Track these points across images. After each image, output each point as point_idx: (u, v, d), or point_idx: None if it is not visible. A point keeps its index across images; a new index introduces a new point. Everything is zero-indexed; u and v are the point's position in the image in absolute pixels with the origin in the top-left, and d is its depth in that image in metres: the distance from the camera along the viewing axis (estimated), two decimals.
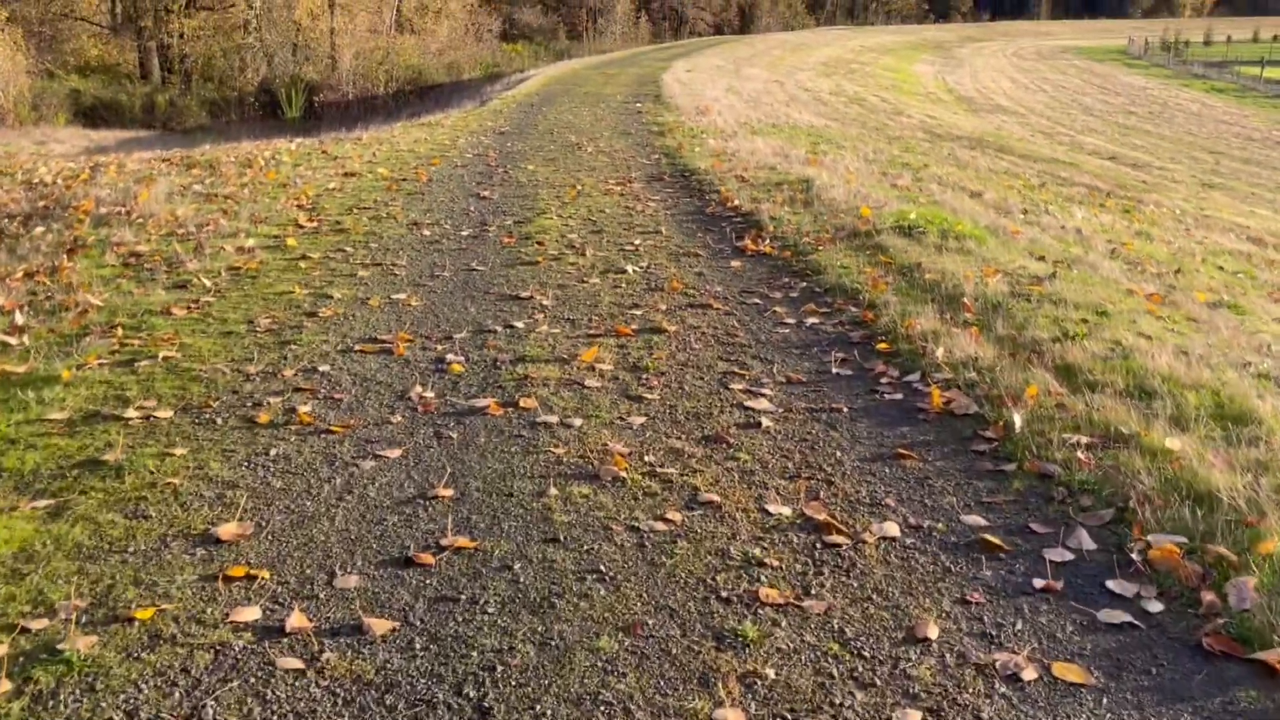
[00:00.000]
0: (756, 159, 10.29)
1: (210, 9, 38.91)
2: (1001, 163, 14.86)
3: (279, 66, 38.16)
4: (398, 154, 10.79)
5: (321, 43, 40.08)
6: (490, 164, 10.17)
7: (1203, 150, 26.03)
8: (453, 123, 14.35)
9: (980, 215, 7.76)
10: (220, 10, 38.94)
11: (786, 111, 18.83)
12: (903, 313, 5.00)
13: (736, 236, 6.87)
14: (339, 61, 37.57)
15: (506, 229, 7.11)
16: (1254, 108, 35.79)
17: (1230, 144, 27.68)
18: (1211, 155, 25.21)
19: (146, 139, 29.64)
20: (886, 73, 41.84)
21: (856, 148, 12.84)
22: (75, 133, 29.68)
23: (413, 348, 4.57)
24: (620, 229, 7.13)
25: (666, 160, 10.48)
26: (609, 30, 64.23)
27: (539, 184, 8.96)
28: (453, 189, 8.71)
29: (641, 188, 8.83)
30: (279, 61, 38.52)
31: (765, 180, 8.92)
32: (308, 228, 7.00)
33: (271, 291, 5.44)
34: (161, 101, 34.48)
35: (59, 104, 32.48)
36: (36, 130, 29.59)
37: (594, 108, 16.61)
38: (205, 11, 38.85)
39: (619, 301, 5.36)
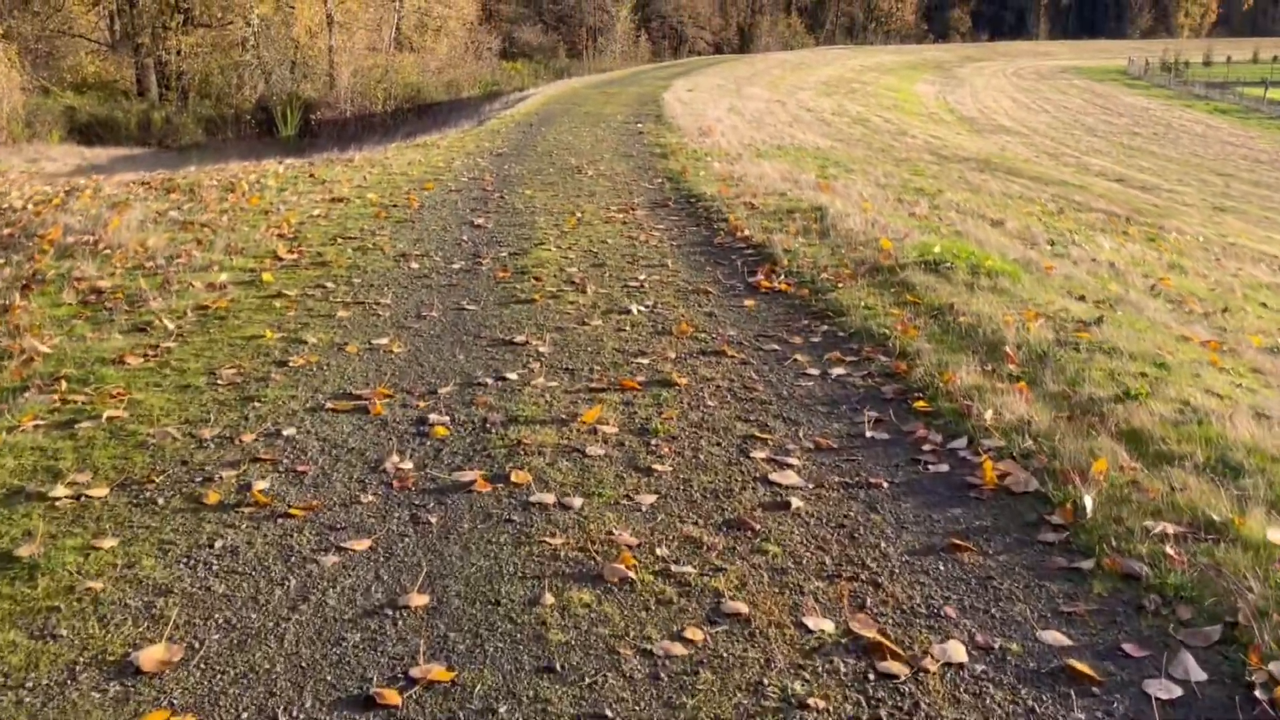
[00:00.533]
0: (765, 184, 9.79)
1: (208, 26, 38.57)
2: (1014, 186, 14.38)
3: (277, 84, 37.79)
4: (389, 177, 10.29)
5: (320, 60, 39.71)
6: (486, 188, 9.67)
7: (1210, 172, 25.59)
8: (449, 143, 13.86)
9: (1007, 247, 7.25)
10: (218, 27, 38.58)
11: (790, 132, 18.38)
12: (939, 363, 4.48)
13: (749, 271, 6.35)
14: (337, 79, 37.19)
15: (501, 261, 6.60)
16: (1259, 129, 35.40)
17: (1238, 166, 27.25)
18: (1220, 178, 24.77)
19: (140, 157, 29.18)
20: (888, 92, 41.50)
21: (866, 171, 12.36)
22: (69, 150, 29.24)
23: (392, 405, 4.04)
24: (623, 262, 6.62)
25: (670, 185, 9.99)
26: (609, 49, 64.02)
27: (537, 210, 8.45)
28: (445, 216, 8.20)
29: (645, 215, 8.33)
30: (277, 79, 38.16)
31: (776, 207, 8.42)
32: (287, 260, 6.48)
33: (240, 335, 4.91)
34: (157, 119, 34.06)
35: (53, 121, 32.03)
36: (30, 148, 29.14)
37: (594, 128, 16.14)
38: (203, 29, 38.50)
39: (623, 348, 4.83)
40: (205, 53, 38.46)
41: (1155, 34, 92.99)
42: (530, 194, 9.32)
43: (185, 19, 37.82)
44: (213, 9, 38.64)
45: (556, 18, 68.17)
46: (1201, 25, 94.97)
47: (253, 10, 37.29)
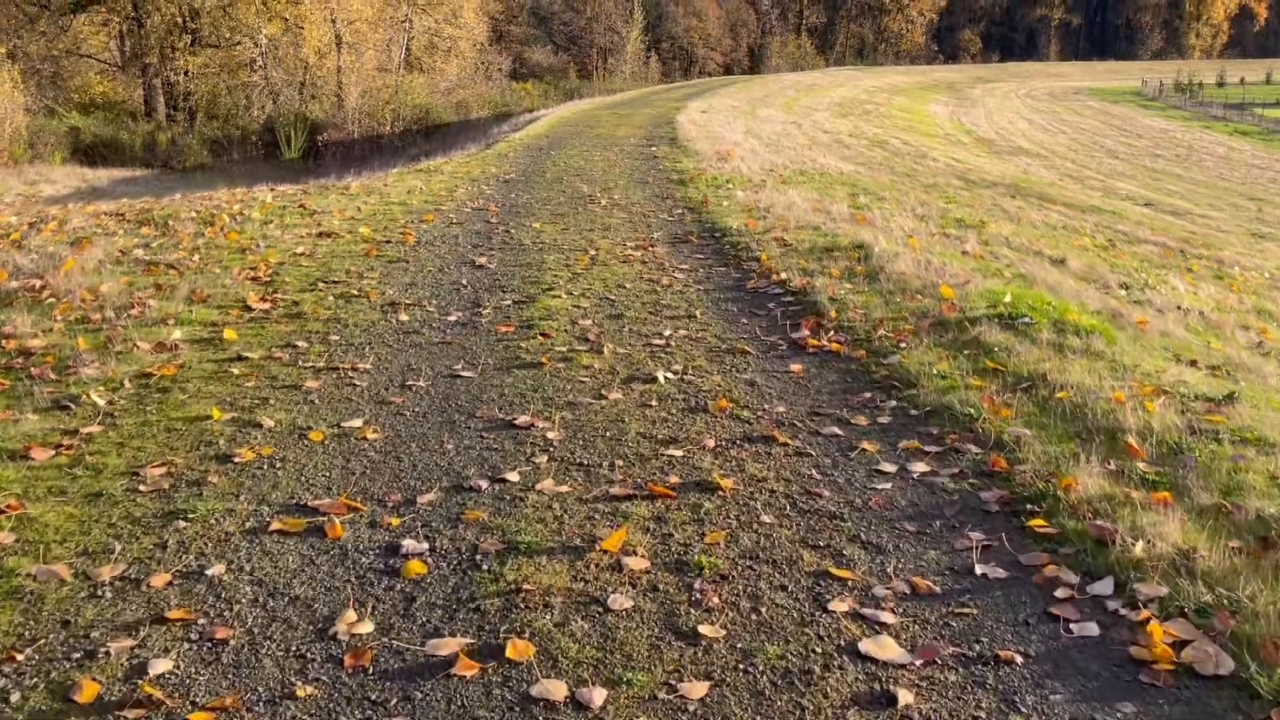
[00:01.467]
0: (795, 215, 8.87)
1: (216, 46, 37.93)
2: (1051, 214, 13.44)
3: (284, 105, 37.15)
4: (386, 208, 9.39)
5: (328, 81, 39.09)
6: (490, 221, 8.77)
7: (1240, 196, 24.61)
8: (453, 168, 12.99)
9: (1083, 294, 6.32)
10: (226, 48, 37.94)
11: (810, 156, 17.48)
12: (1048, 460, 3.54)
13: (790, 324, 5.42)
14: (345, 100, 36.51)
15: (504, 312, 5.68)
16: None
17: (1268, 190, 26.26)
18: (1252, 202, 23.79)
19: (143, 179, 28.46)
20: (902, 114, 40.66)
21: (899, 200, 11.43)
22: (70, 172, 28.53)
23: (356, 523, 3.12)
24: (644, 312, 5.70)
25: (692, 216, 9.08)
26: (619, 70, 63.43)
27: (545, 247, 7.54)
28: (444, 254, 7.29)
29: (666, 252, 7.41)
30: (284, 100, 37.53)
31: (811, 244, 7.49)
32: (257, 310, 5.57)
33: (181, 416, 3.99)
34: (162, 140, 33.37)
35: (56, 142, 31.34)
36: (31, 169, 28.45)
37: (606, 152, 15.26)
38: (211, 49, 37.88)
39: (649, 431, 3.90)
40: (213, 73, 37.88)
41: (1166, 55, 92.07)
42: (538, 227, 8.41)
43: (193, 39, 37.21)
44: (221, 29, 38.01)
45: (567, 38, 67.66)
46: (1213, 47, 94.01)
47: (261, 31, 36.67)
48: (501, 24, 61.23)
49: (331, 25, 38.17)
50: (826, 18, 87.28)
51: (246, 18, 37.17)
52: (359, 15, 39.67)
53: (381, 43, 42.54)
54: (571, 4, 67.78)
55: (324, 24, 37.70)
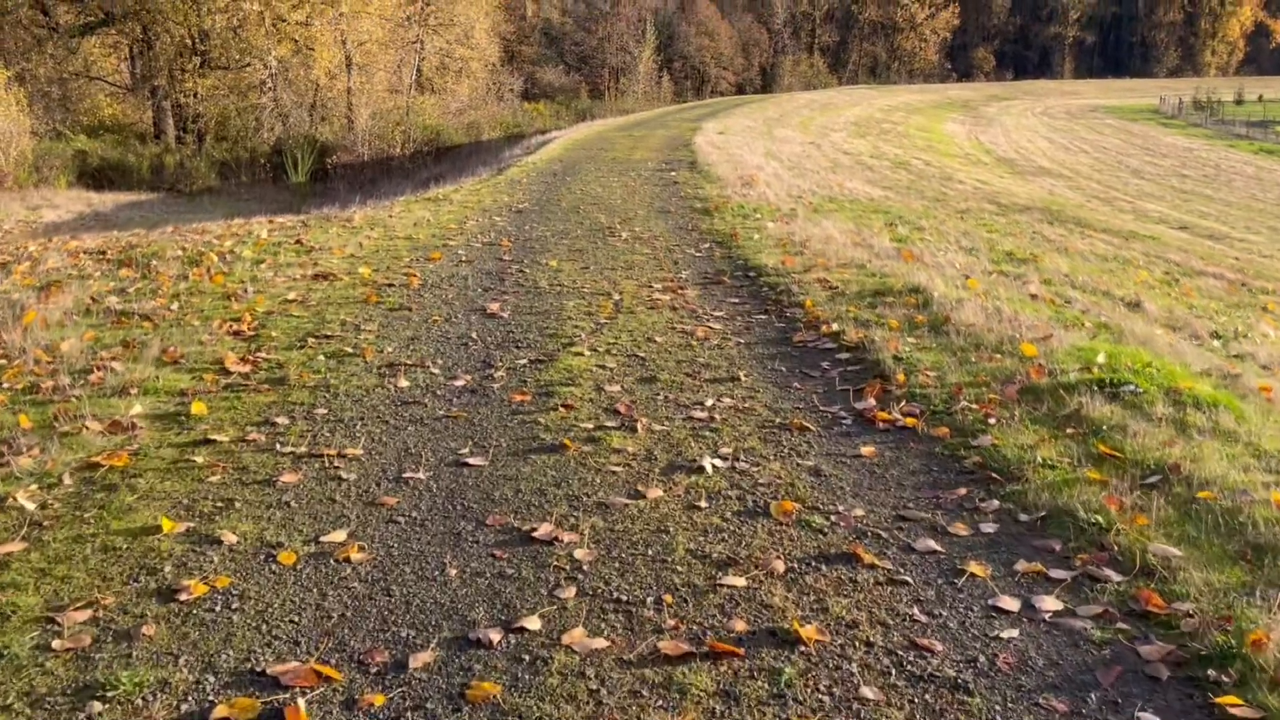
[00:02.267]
0: (834, 251, 8.12)
1: (225, 68, 37.47)
2: (1096, 243, 12.66)
3: (294, 126, 36.66)
4: (390, 243, 8.67)
5: (339, 102, 38.61)
6: (503, 258, 8.04)
7: (1276, 218, 23.77)
8: (463, 197, 12.28)
9: (1181, 351, 5.53)
10: (236, 70, 37.48)
11: (835, 180, 16.74)
12: (1216, 597, 2.77)
13: (852, 390, 4.65)
14: (355, 122, 35.98)
15: (519, 374, 4.92)
16: None
17: None
18: None
19: (148, 203, 27.89)
20: (919, 133, 39.96)
21: (940, 230, 10.68)
22: (76, 196, 27.98)
23: (327, 705, 2.35)
24: (680, 374, 4.93)
25: (721, 251, 8.33)
26: (631, 90, 62.98)
27: (563, 291, 6.79)
28: (451, 299, 6.55)
29: (697, 296, 6.66)
30: (294, 121, 37.05)
31: (859, 285, 6.72)
32: (235, 374, 4.83)
33: (125, 528, 3.24)
34: (170, 163, 32.85)
35: (63, 165, 30.85)
36: (36, 193, 27.92)
37: (623, 177, 14.54)
38: (221, 71, 37.45)
39: (702, 548, 3.14)
40: (223, 95, 37.44)
41: (1182, 73, 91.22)
42: (555, 266, 7.67)
43: (203, 61, 36.79)
44: (231, 51, 37.57)
45: (578, 59, 67.30)
46: (1229, 64, 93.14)
47: (270, 53, 36.21)
48: (513, 44, 60.90)
49: (342, 46, 37.70)
50: (839, 36, 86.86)
51: (256, 39, 36.76)
52: (370, 36, 39.24)
53: (392, 64, 42.11)
54: (583, 24, 67.48)
55: (334, 45, 37.22)
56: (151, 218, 24.08)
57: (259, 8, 35.83)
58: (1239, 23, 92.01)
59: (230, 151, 35.85)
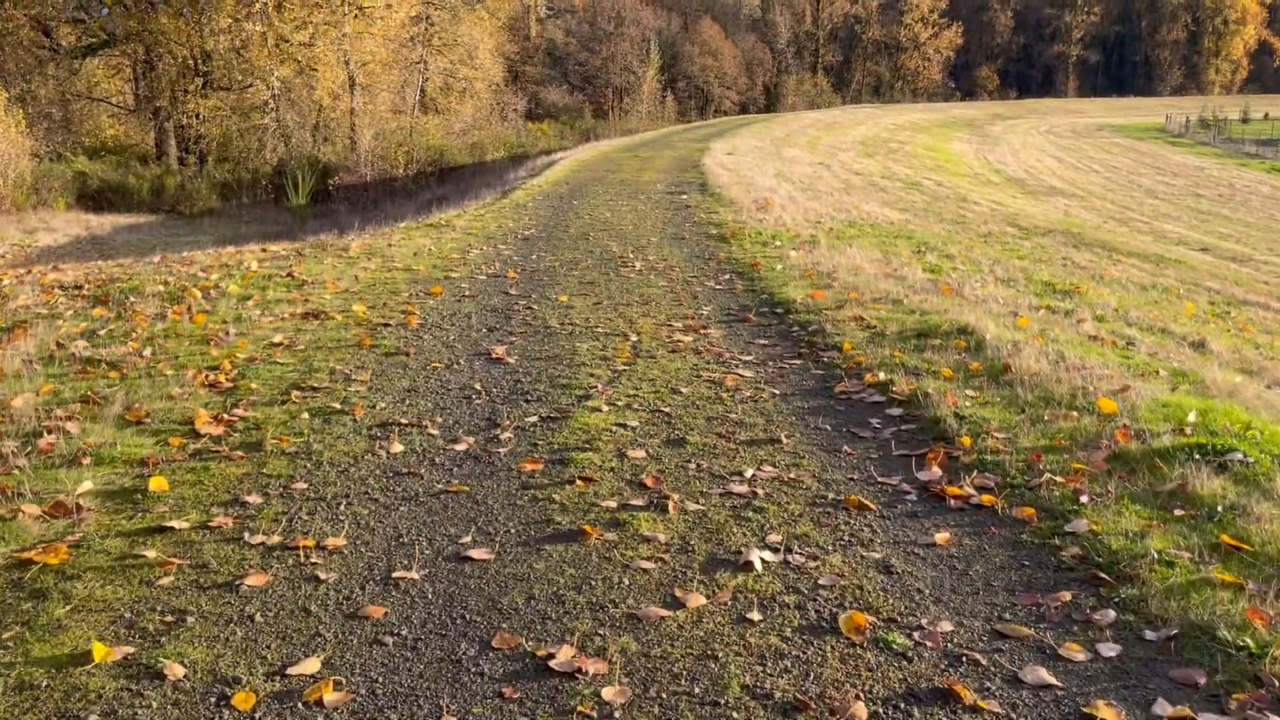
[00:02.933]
0: (865, 282, 7.52)
1: (228, 89, 37.07)
2: (1130, 270, 12.06)
3: (297, 147, 36.22)
4: (388, 276, 8.08)
5: (341, 123, 38.19)
6: (509, 292, 7.44)
7: None
8: (466, 223, 11.71)
9: (1276, 404, 4.91)
10: (238, 90, 37.06)
11: (849, 202, 16.17)
12: None
13: (913, 456, 4.04)
14: (358, 142, 35.50)
15: (528, 435, 4.30)
16: None
17: None
18: None
19: (147, 225, 27.38)
20: (927, 153, 39.48)
21: (970, 257, 10.09)
22: (74, 219, 27.50)
23: None
24: (713, 433, 4.32)
25: (742, 284, 7.73)
26: (635, 109, 62.64)
27: (576, 331, 6.18)
28: (453, 341, 5.94)
29: (722, 337, 6.05)
30: (297, 142, 36.62)
31: (899, 324, 6.12)
32: (205, 436, 4.22)
33: (49, 655, 2.62)
34: (170, 184, 32.36)
35: (62, 187, 30.36)
36: (34, 216, 27.43)
37: (633, 200, 13.98)
38: (223, 91, 37.04)
39: (759, 684, 2.51)
40: (225, 116, 37.03)
41: (1186, 91, 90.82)
42: (566, 301, 7.07)
43: (205, 82, 36.40)
44: (233, 72, 37.17)
45: (582, 78, 67.02)
46: (1233, 82, 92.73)
47: (273, 73, 35.79)
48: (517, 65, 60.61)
49: (345, 67, 37.30)
50: (842, 56, 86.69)
51: (259, 60, 36.36)
52: (373, 57, 38.86)
53: (396, 84, 41.76)
54: (587, 44, 67.25)
55: (338, 66, 36.81)
56: (148, 241, 23.56)
57: (262, 29, 35.49)
58: (1242, 41, 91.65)
59: (232, 172, 35.40)
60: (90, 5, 38.89)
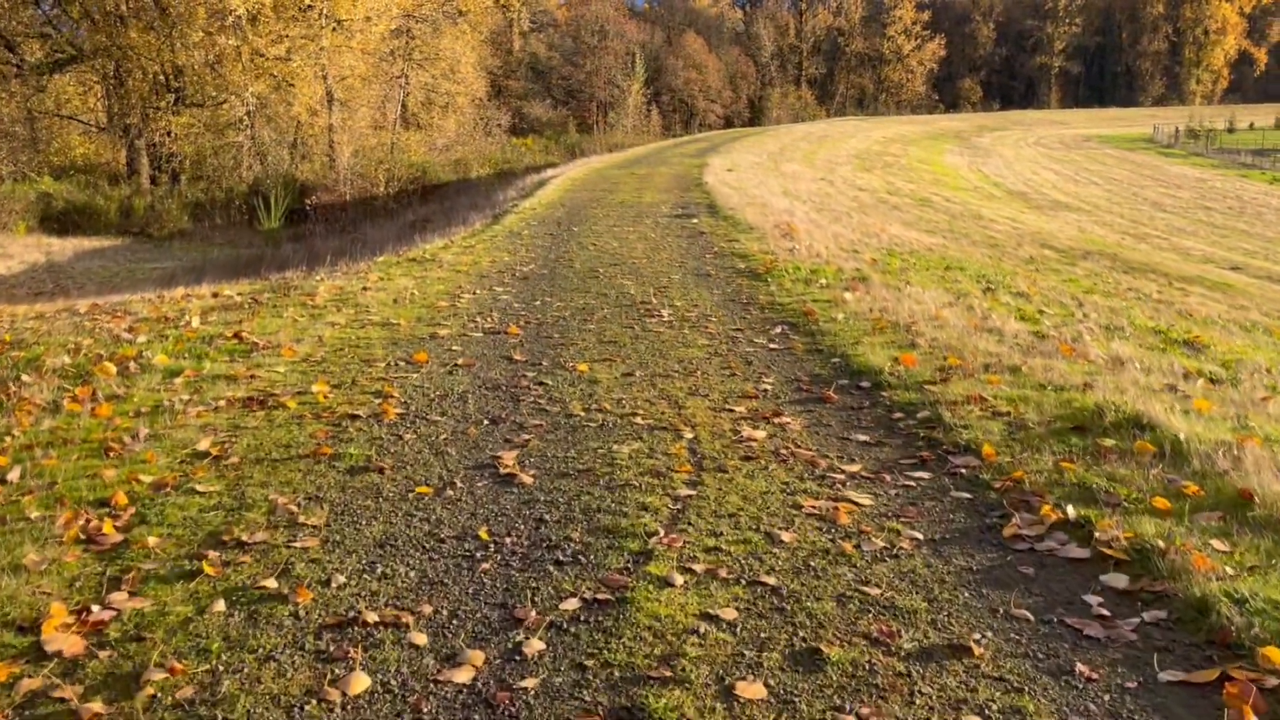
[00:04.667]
0: (955, 338, 5.96)
1: (200, 105, 35.33)
2: (1208, 303, 10.58)
3: (273, 165, 34.49)
4: (361, 334, 6.45)
5: (320, 139, 36.50)
6: (513, 357, 5.83)
7: None
8: (454, 255, 10.09)
9: None
10: (211, 107, 35.30)
11: (871, 223, 14.65)
12: None
13: (1200, 692, 2.46)
14: (336, 159, 33.80)
15: (569, 647, 2.67)
16: None
17: None
18: None
19: (111, 249, 25.57)
20: (922, 166, 38.14)
21: (1043, 293, 8.56)
22: (34, 243, 25.66)
23: None
24: (858, 635, 2.72)
25: (801, 340, 6.16)
26: (620, 123, 61.20)
27: (608, 423, 4.57)
28: (443, 444, 4.32)
29: (805, 430, 4.46)
30: (273, 160, 34.88)
31: (1037, 408, 4.54)
32: (49, 664, 2.58)
33: None
34: (139, 205, 30.56)
35: (24, 210, 28.53)
36: None
37: (638, 225, 12.40)
38: (196, 108, 35.30)
39: None
40: (198, 133, 35.27)
41: (1167, 101, 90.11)
42: (586, 372, 5.46)
43: (177, 98, 34.67)
44: (206, 88, 35.44)
45: (566, 93, 65.60)
46: (1214, 92, 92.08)
47: (248, 89, 34.07)
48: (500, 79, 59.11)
49: (323, 82, 35.61)
50: (826, 68, 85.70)
51: (233, 75, 34.64)
52: (352, 71, 37.18)
53: (376, 99, 40.07)
54: (570, 58, 65.81)
55: (315, 81, 35.12)
56: (109, 268, 21.79)
57: (236, 43, 33.75)
58: (1223, 51, 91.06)
59: (206, 192, 33.65)
60: (58, 19, 37.09)
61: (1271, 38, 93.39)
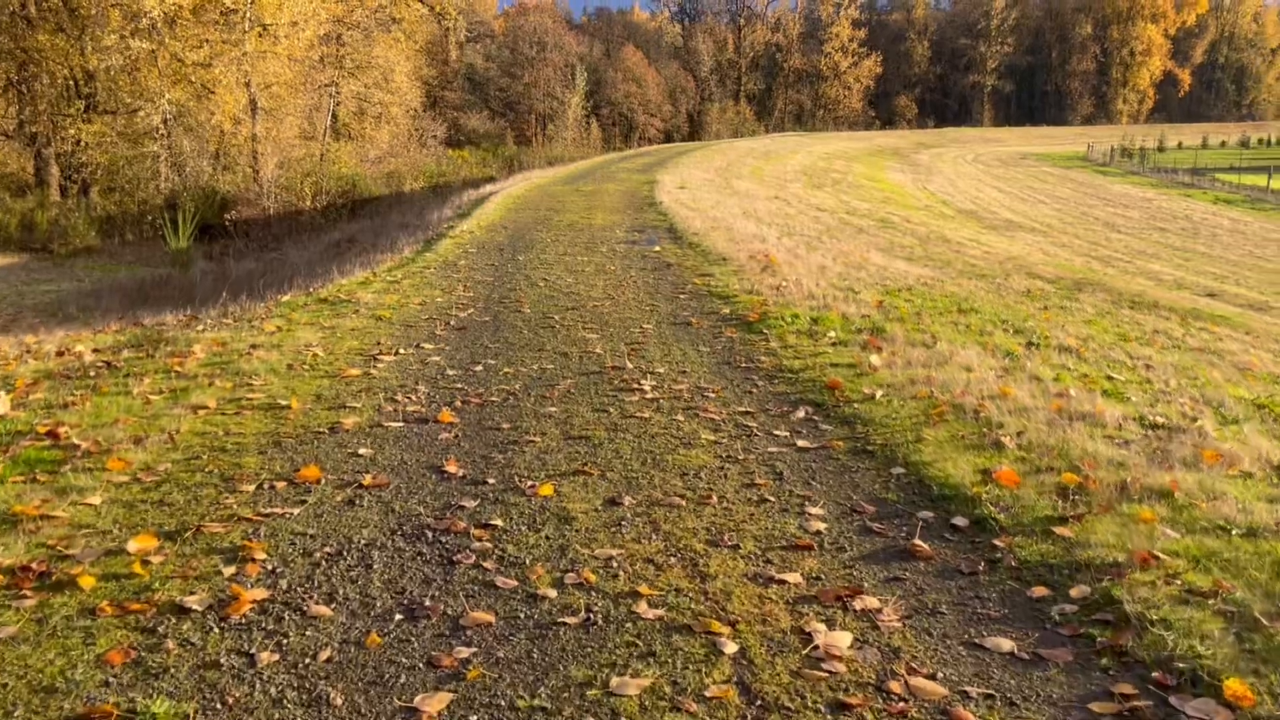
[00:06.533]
0: (1046, 431, 4.34)
1: (113, 113, 32.75)
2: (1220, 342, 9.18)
3: (192, 176, 32.06)
4: (235, 423, 4.61)
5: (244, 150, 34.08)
6: (444, 468, 4.04)
7: None
8: (376, 294, 8.26)
9: None
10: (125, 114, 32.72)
11: (847, 250, 13.11)
12: None
13: None
14: (260, 171, 31.49)
15: None
16: None
17: None
18: None
19: (5, 269, 23.05)
20: (869, 183, 37.04)
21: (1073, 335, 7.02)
22: None
23: None
24: None
25: (842, 433, 4.48)
26: (560, 136, 59.48)
27: (597, 620, 2.83)
28: (317, 673, 2.55)
29: (904, 624, 2.78)
30: (192, 171, 32.42)
31: (1246, 581, 2.93)
32: None
33: None
34: (42, 220, 27.96)
35: None
36: None
37: (593, 254, 10.68)
38: (108, 115, 32.71)
39: None
40: (111, 142, 32.65)
41: (1096, 120, 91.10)
42: (550, 493, 3.72)
43: (88, 105, 32.08)
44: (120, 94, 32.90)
45: (504, 104, 63.68)
46: (1139, 112, 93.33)
47: (164, 96, 31.60)
48: (436, 90, 56.97)
49: (247, 89, 33.25)
50: (765, 84, 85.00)
51: (149, 81, 32.14)
52: (278, 79, 34.83)
53: (304, 108, 37.74)
54: (508, 70, 63.88)
55: (237, 88, 32.75)
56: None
57: (151, 47, 31.29)
58: (1149, 72, 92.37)
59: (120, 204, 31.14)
60: None
61: (1195, 59, 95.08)
